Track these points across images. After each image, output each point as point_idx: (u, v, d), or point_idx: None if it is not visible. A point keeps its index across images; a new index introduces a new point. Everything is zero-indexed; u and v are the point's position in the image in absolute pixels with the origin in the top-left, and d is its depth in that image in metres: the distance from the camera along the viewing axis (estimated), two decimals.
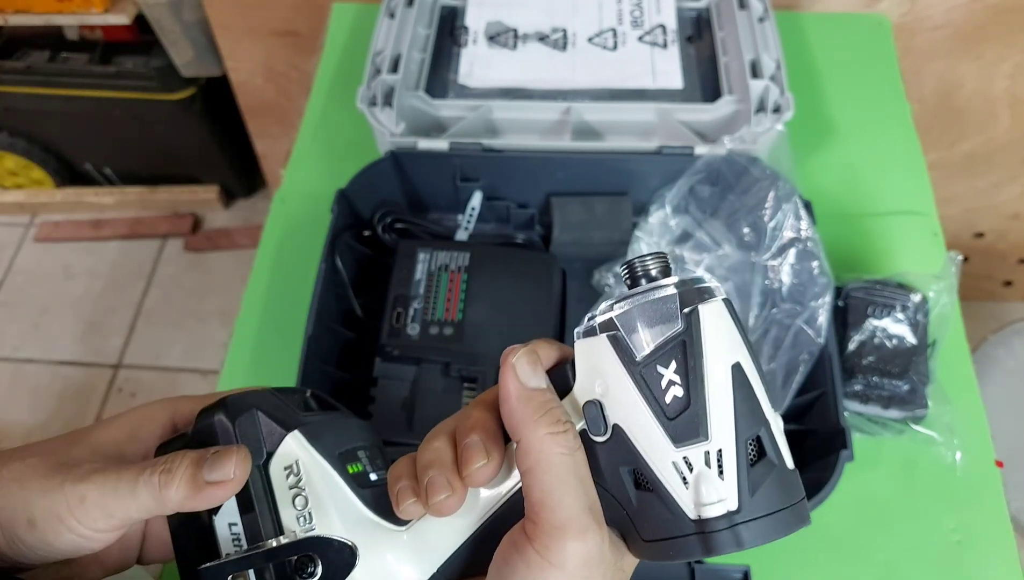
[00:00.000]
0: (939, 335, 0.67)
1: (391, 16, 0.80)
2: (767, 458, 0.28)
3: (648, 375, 0.29)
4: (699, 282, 0.29)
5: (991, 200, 1.28)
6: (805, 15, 0.95)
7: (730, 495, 0.27)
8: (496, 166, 0.72)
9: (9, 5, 1.36)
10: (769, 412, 0.29)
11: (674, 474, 0.28)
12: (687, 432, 0.28)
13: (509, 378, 0.30)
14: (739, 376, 0.28)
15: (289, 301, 0.75)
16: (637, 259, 0.31)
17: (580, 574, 0.28)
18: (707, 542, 0.27)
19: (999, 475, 0.65)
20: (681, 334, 0.28)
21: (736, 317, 0.29)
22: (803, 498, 0.29)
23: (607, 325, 0.30)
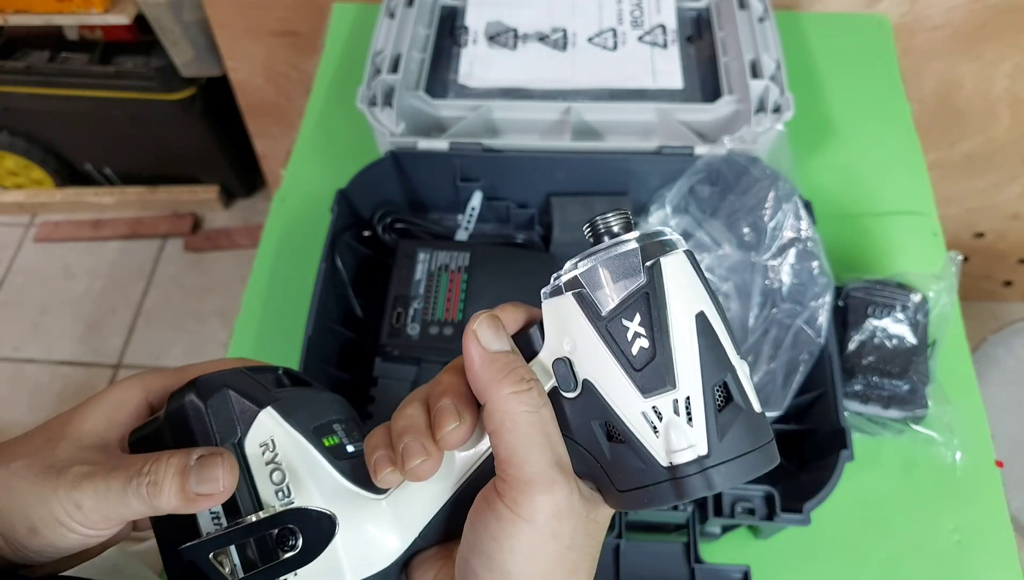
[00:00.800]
0: (939, 335, 0.67)
1: (391, 16, 0.80)
2: (734, 402, 0.29)
3: (614, 329, 0.29)
4: (660, 236, 0.30)
5: (991, 200, 1.28)
6: (805, 15, 0.95)
7: (699, 440, 0.28)
8: (496, 166, 0.72)
9: (9, 5, 1.36)
10: (735, 358, 0.29)
11: (644, 424, 0.29)
12: (654, 382, 0.28)
13: (471, 343, 0.31)
14: (703, 325, 0.29)
15: (289, 301, 0.75)
16: (599, 217, 0.31)
17: (549, 526, 0.29)
18: (679, 487, 0.28)
19: (999, 475, 0.65)
20: (644, 287, 0.29)
21: (698, 268, 0.30)
22: (771, 439, 0.29)
23: (572, 283, 0.30)
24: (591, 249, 0.31)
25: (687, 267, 0.30)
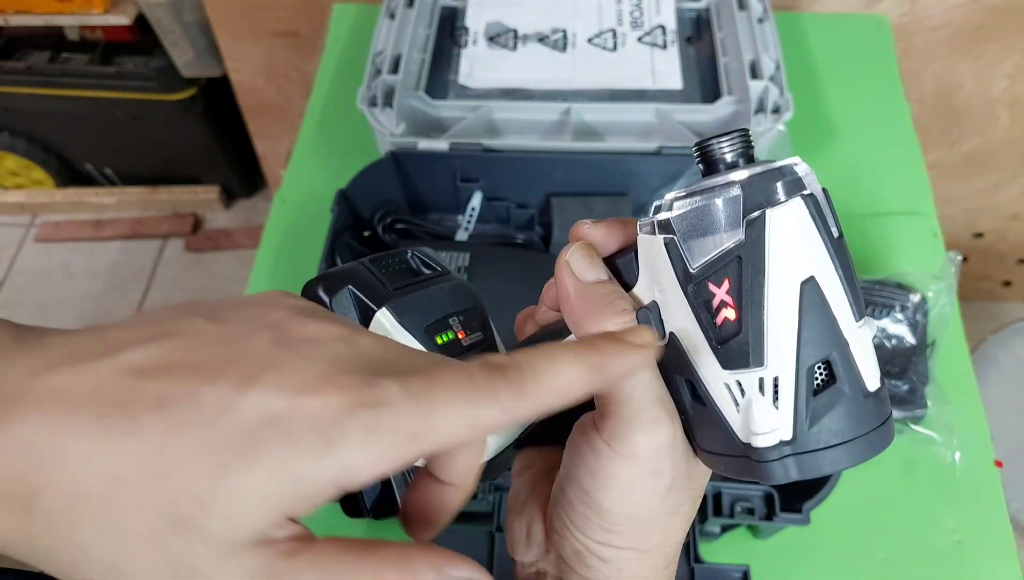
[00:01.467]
0: (938, 335, 0.67)
1: (391, 17, 0.81)
2: (836, 384, 0.25)
3: (699, 292, 0.26)
4: (781, 175, 0.25)
5: (990, 200, 1.28)
6: (805, 15, 0.95)
7: (784, 425, 0.25)
8: (496, 166, 0.72)
9: (10, 5, 1.36)
10: (850, 328, 0.25)
11: (726, 395, 0.26)
12: (737, 359, 0.25)
13: (564, 273, 0.29)
14: (811, 293, 0.24)
15: None
16: (714, 138, 0.26)
17: (650, 466, 0.27)
18: (756, 469, 0.25)
19: (998, 475, 0.65)
20: (738, 247, 0.25)
21: (821, 217, 0.25)
22: (881, 424, 0.25)
23: (664, 225, 0.27)
24: (696, 184, 0.26)
25: (803, 220, 0.24)
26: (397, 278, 0.36)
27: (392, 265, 0.37)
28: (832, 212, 0.26)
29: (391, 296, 0.34)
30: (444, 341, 0.35)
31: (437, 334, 0.35)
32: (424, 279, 0.37)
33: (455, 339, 0.35)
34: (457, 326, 0.36)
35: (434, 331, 0.35)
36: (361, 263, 0.36)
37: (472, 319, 0.37)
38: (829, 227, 0.25)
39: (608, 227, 0.31)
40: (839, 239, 0.25)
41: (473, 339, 0.36)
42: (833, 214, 0.26)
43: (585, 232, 0.31)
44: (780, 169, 0.25)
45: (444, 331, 0.35)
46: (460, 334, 0.36)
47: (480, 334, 0.36)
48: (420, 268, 0.38)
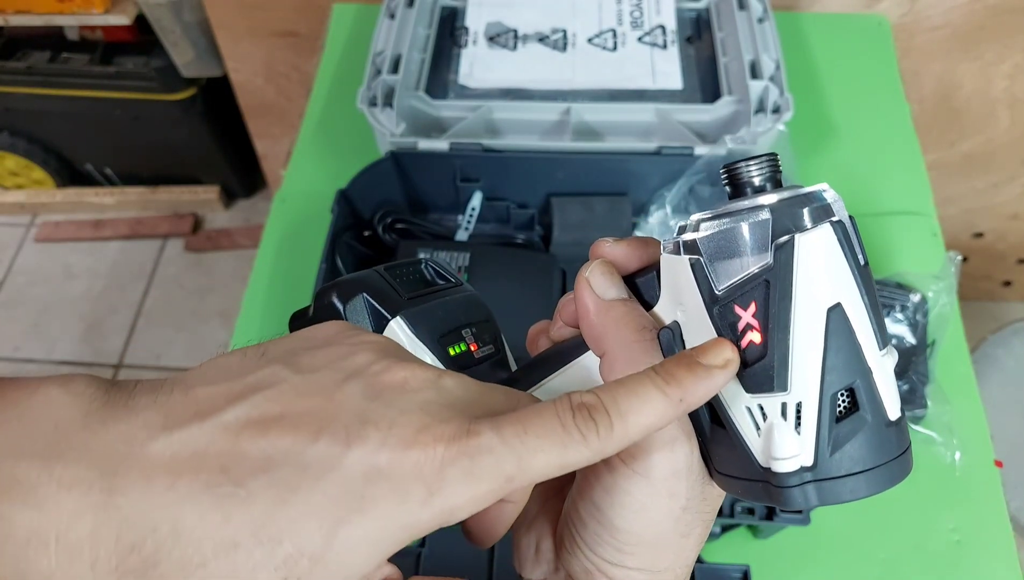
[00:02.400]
0: (938, 335, 0.67)
1: (391, 17, 0.81)
2: (859, 412, 0.25)
3: (725, 314, 0.26)
4: (810, 201, 0.25)
5: (990, 200, 1.28)
6: (805, 15, 0.95)
7: (805, 451, 0.25)
8: (496, 166, 0.72)
9: (10, 5, 1.36)
10: (874, 356, 0.25)
11: (747, 419, 0.26)
12: (761, 383, 0.25)
13: (584, 291, 0.29)
14: (837, 320, 0.24)
15: (290, 301, 0.75)
16: (742, 161, 0.26)
17: (665, 486, 0.27)
18: (775, 495, 0.25)
19: (998, 475, 0.65)
20: (766, 271, 0.25)
21: (849, 244, 0.25)
22: (902, 453, 0.25)
23: (690, 247, 0.26)
24: (723, 206, 0.26)
25: (831, 246, 0.24)
26: (411, 287, 0.36)
27: (406, 274, 0.37)
28: (859, 239, 0.26)
29: (405, 305, 0.34)
30: (456, 352, 0.35)
31: (450, 345, 0.35)
32: (438, 289, 0.37)
33: (467, 351, 0.35)
34: (470, 338, 0.36)
35: (447, 342, 0.35)
36: (376, 271, 0.36)
37: (484, 332, 0.37)
38: (856, 255, 0.25)
39: (629, 245, 0.30)
40: (865, 267, 0.25)
41: (485, 352, 0.36)
42: (859, 241, 0.26)
43: (607, 250, 0.30)
44: (809, 195, 0.25)
45: (457, 342, 0.35)
46: (472, 346, 0.36)
47: (492, 347, 0.36)
48: (434, 278, 0.38)
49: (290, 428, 0.23)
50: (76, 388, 0.24)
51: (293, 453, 0.23)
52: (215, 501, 0.22)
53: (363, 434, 0.23)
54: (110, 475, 0.22)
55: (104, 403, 0.24)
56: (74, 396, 0.24)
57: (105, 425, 0.23)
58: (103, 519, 0.21)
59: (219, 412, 0.24)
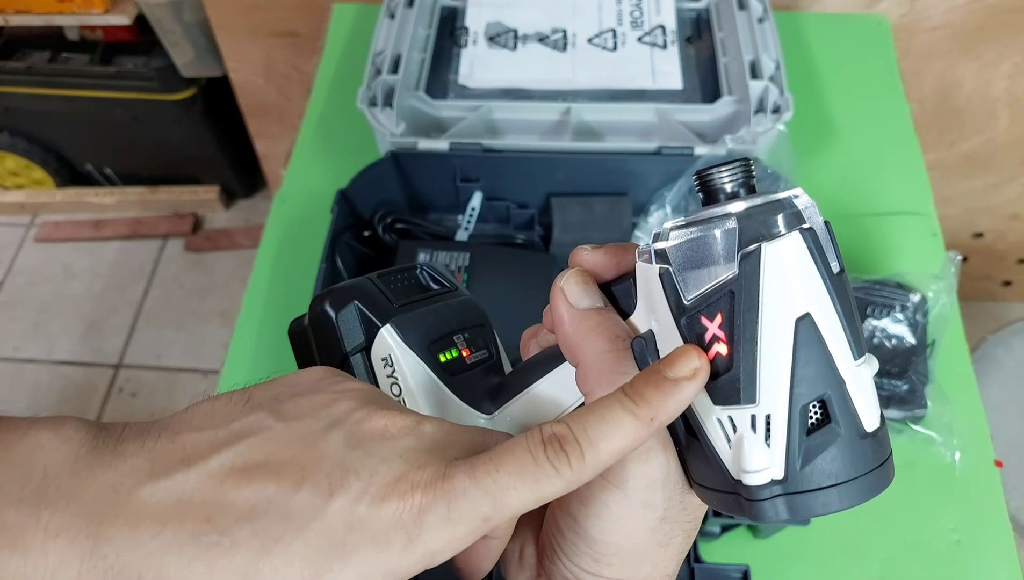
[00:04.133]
0: (938, 335, 0.67)
1: (391, 16, 0.81)
2: (831, 424, 0.24)
3: (692, 325, 0.25)
4: (780, 209, 0.24)
5: (990, 200, 1.28)
6: (805, 15, 0.95)
7: (776, 464, 0.24)
8: (496, 166, 0.72)
9: (10, 5, 1.36)
10: (848, 367, 0.24)
11: (718, 430, 0.25)
12: (728, 395, 0.25)
13: (559, 301, 0.29)
14: (807, 331, 0.24)
15: (290, 301, 0.75)
16: (714, 168, 0.26)
17: (640, 496, 0.27)
18: (748, 508, 0.25)
19: (998, 475, 0.65)
20: (731, 281, 0.24)
21: (820, 251, 0.24)
22: (879, 465, 0.25)
23: (661, 255, 0.26)
24: (696, 213, 0.26)
25: (800, 255, 0.24)
26: (404, 294, 0.36)
27: (400, 280, 0.37)
28: (834, 246, 0.25)
29: (396, 312, 0.34)
30: (448, 358, 0.35)
31: (441, 352, 0.35)
32: (431, 295, 0.37)
33: (459, 357, 0.35)
34: (462, 343, 0.36)
35: (438, 349, 0.35)
36: (368, 278, 0.36)
37: (478, 337, 0.37)
38: (828, 262, 0.24)
39: (607, 253, 0.30)
40: (839, 274, 0.25)
41: (478, 357, 0.36)
42: (835, 248, 0.25)
43: (584, 258, 0.30)
44: (780, 201, 0.24)
45: (448, 349, 0.35)
46: (465, 352, 0.36)
47: (485, 352, 0.36)
48: (429, 284, 0.38)
49: (273, 476, 0.24)
50: (66, 432, 0.24)
51: (277, 502, 0.23)
52: (200, 550, 0.22)
53: (345, 483, 0.24)
54: (96, 523, 0.22)
55: (92, 448, 0.24)
56: (63, 441, 0.24)
57: (93, 472, 0.24)
58: (88, 567, 0.22)
59: (204, 459, 0.24)
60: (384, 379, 0.34)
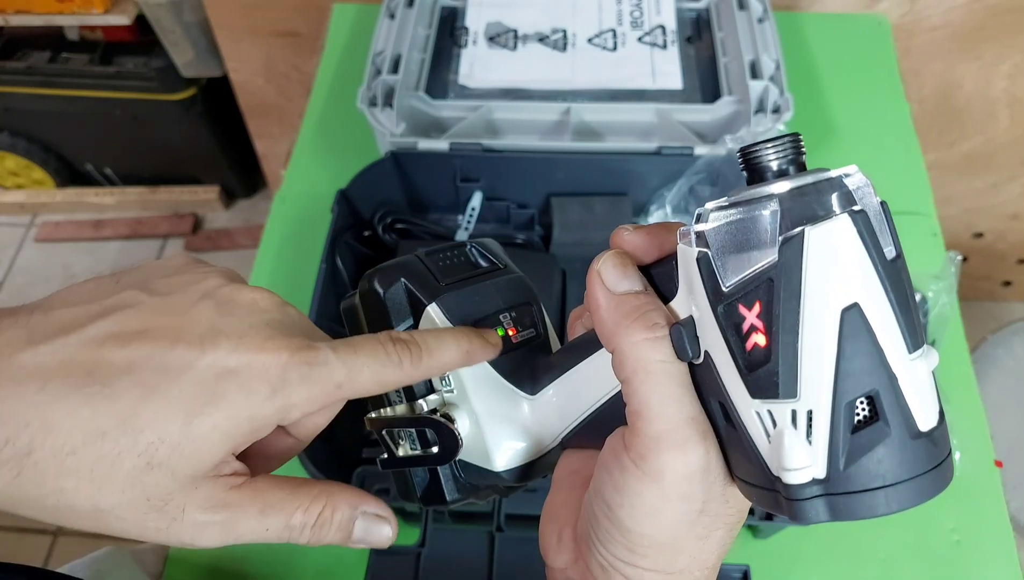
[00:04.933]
0: (938, 335, 0.67)
1: (391, 17, 0.81)
2: (880, 422, 0.23)
3: (729, 314, 0.24)
4: (826, 189, 0.22)
5: (990, 200, 1.28)
6: (805, 15, 0.95)
7: (817, 463, 0.23)
8: (496, 166, 0.72)
9: (10, 5, 1.36)
10: (900, 360, 0.23)
11: (757, 424, 0.24)
12: (767, 389, 0.23)
13: (596, 286, 0.28)
14: (854, 321, 0.22)
15: (290, 301, 0.75)
16: (759, 145, 0.24)
17: (677, 488, 0.26)
18: (787, 507, 0.23)
19: (998, 475, 0.65)
20: (771, 269, 0.22)
21: (872, 236, 0.22)
22: (929, 469, 0.23)
23: (701, 238, 0.24)
24: (739, 192, 0.24)
25: (849, 239, 0.22)
26: (451, 272, 0.36)
27: (448, 258, 0.37)
28: (891, 229, 0.24)
29: (443, 290, 0.34)
30: None
31: None
32: (479, 274, 0.37)
33: (505, 335, 0.35)
34: (508, 322, 0.36)
35: (483, 328, 0.35)
36: (416, 256, 0.36)
37: (524, 315, 0.36)
38: (881, 247, 0.23)
39: (649, 233, 0.29)
40: (895, 261, 0.23)
41: (525, 336, 0.36)
42: (891, 231, 0.24)
43: (624, 239, 0.29)
44: (829, 181, 0.22)
45: (494, 328, 0.35)
46: (511, 330, 0.35)
47: (532, 331, 0.36)
48: (478, 261, 0.37)
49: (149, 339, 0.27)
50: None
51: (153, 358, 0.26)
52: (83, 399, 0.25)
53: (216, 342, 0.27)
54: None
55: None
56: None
57: None
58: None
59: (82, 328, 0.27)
60: None
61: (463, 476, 0.35)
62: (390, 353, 0.29)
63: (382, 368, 0.29)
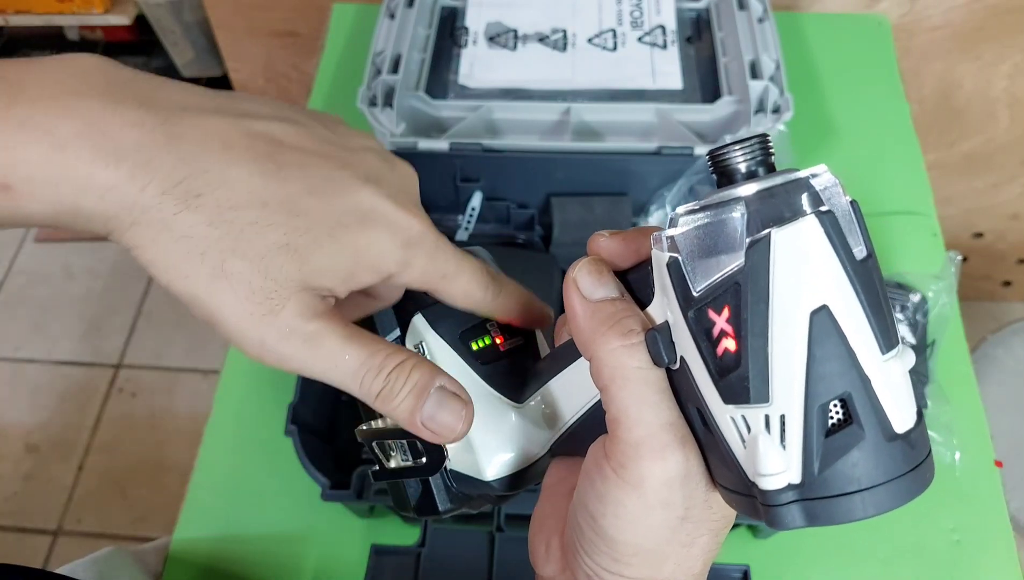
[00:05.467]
0: (938, 335, 0.67)
1: (391, 16, 0.81)
2: (854, 425, 0.22)
3: (699, 319, 0.24)
4: (793, 190, 0.22)
5: (990, 200, 1.28)
6: (805, 15, 0.95)
7: (792, 467, 0.22)
8: (496, 166, 0.72)
9: (10, 5, 1.36)
10: (873, 362, 0.22)
11: (732, 429, 0.24)
12: (738, 394, 0.23)
13: (572, 294, 0.28)
14: (823, 324, 0.22)
15: None
16: (727, 147, 0.24)
17: (658, 495, 0.26)
18: (764, 513, 0.23)
19: (998, 475, 0.65)
20: (738, 273, 0.22)
21: (840, 237, 0.22)
22: (906, 472, 0.23)
23: (672, 243, 0.24)
24: (708, 194, 0.24)
25: (816, 241, 0.22)
26: None
27: None
28: (861, 229, 0.23)
29: (429, 301, 0.34)
30: (480, 347, 0.35)
31: (472, 340, 0.35)
32: None
33: (492, 344, 0.35)
34: (495, 330, 0.36)
35: (469, 337, 0.35)
36: None
37: None
38: (850, 248, 0.22)
39: (625, 239, 0.29)
40: (865, 261, 0.23)
41: (513, 343, 0.36)
42: (862, 231, 0.23)
43: (600, 245, 0.29)
44: (797, 181, 0.22)
45: (480, 337, 0.35)
46: (498, 338, 0.36)
47: (520, 338, 0.36)
48: None
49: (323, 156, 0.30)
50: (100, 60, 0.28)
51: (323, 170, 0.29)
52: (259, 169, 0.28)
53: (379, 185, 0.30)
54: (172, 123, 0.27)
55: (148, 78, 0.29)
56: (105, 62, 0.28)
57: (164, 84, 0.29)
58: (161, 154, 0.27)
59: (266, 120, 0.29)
60: None
61: (455, 486, 0.35)
62: (487, 280, 0.33)
63: (477, 287, 0.33)
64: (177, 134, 0.27)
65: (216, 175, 0.27)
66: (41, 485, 1.47)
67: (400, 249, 0.30)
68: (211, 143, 0.27)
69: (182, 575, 0.62)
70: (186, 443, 1.44)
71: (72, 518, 1.43)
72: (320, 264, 0.28)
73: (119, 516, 1.43)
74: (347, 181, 0.29)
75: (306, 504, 0.64)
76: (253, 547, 0.64)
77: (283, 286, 0.28)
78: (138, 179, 0.26)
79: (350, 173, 0.30)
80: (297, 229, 0.28)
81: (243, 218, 0.27)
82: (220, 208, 0.27)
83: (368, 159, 0.31)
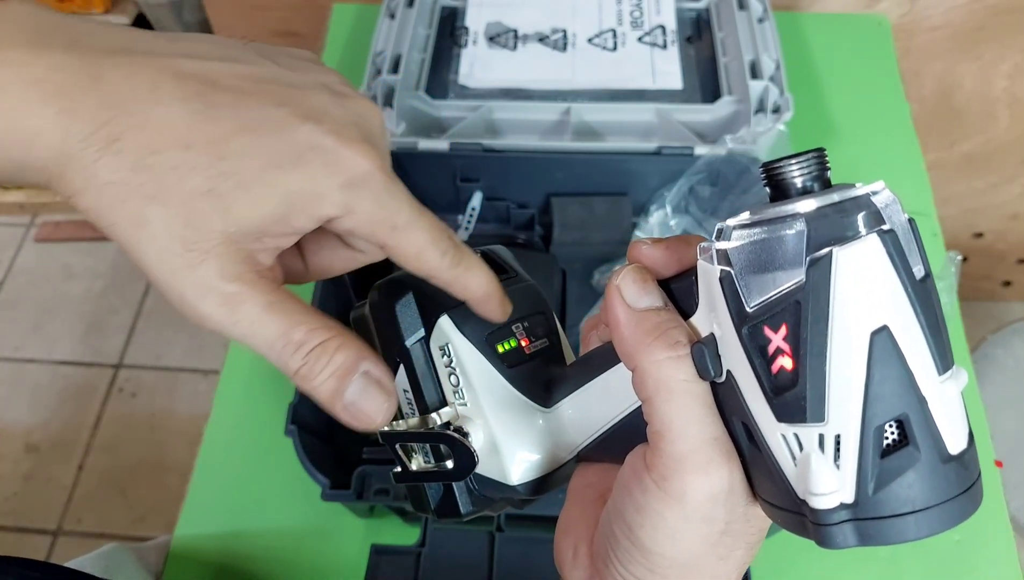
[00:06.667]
0: None
1: (391, 16, 0.81)
2: (909, 447, 0.22)
3: (754, 335, 0.23)
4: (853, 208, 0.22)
5: (990, 200, 1.28)
6: (805, 15, 0.95)
7: (845, 487, 0.22)
8: (496, 166, 0.72)
9: None
10: (930, 384, 0.22)
11: (782, 447, 0.23)
12: (793, 413, 0.23)
13: (616, 302, 0.27)
14: (883, 345, 0.21)
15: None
16: (782, 161, 0.23)
17: (700, 511, 0.25)
18: (814, 532, 0.23)
19: (998, 475, 0.65)
20: (798, 290, 0.22)
21: (901, 256, 0.22)
22: (964, 491, 0.23)
23: (723, 256, 0.24)
24: (762, 209, 0.23)
25: (878, 260, 0.21)
26: None
27: None
28: (919, 247, 0.23)
29: (454, 303, 0.34)
30: (505, 349, 0.35)
31: (499, 342, 0.34)
32: None
33: (518, 347, 0.35)
34: (521, 333, 0.35)
35: (496, 339, 0.34)
36: None
37: (537, 326, 0.36)
38: (910, 267, 0.22)
39: (668, 247, 0.28)
40: (924, 280, 0.23)
41: (538, 346, 0.35)
42: (920, 249, 0.23)
43: (643, 253, 0.28)
44: (856, 199, 0.22)
45: (507, 339, 0.35)
46: (524, 341, 0.35)
47: (546, 341, 0.36)
48: (494, 268, 0.37)
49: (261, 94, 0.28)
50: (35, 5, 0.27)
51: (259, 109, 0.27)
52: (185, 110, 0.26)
53: (320, 120, 0.28)
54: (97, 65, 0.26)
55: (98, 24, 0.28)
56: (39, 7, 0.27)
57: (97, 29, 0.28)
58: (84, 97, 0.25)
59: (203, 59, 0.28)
60: (443, 369, 0.34)
61: (477, 489, 0.35)
62: (444, 242, 0.30)
63: (431, 245, 0.29)
64: (101, 76, 0.26)
65: (139, 117, 0.26)
66: (41, 485, 1.47)
67: (340, 190, 0.27)
68: (137, 85, 0.26)
69: (182, 574, 0.62)
70: (186, 443, 1.44)
71: (72, 518, 1.43)
72: (246, 211, 0.26)
73: (119, 516, 1.43)
74: (284, 118, 0.27)
75: (306, 504, 0.64)
76: (253, 547, 0.64)
77: (204, 236, 0.26)
78: (62, 125, 0.25)
79: (288, 110, 0.27)
80: (223, 173, 0.26)
81: (165, 162, 0.26)
82: (142, 152, 0.26)
83: (314, 95, 0.29)
